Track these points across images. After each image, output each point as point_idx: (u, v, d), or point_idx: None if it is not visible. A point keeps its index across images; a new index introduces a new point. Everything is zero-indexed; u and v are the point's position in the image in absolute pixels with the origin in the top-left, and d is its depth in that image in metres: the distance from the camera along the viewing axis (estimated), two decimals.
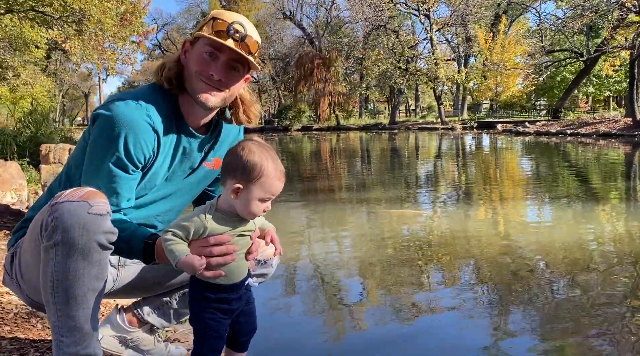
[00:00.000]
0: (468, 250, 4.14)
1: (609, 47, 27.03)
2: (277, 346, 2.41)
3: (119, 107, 1.41)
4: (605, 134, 21.38)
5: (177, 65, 1.52)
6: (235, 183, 1.31)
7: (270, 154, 1.35)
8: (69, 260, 1.26)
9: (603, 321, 2.60)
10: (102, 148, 1.41)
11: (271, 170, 1.33)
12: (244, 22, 1.49)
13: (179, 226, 1.32)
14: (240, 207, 1.33)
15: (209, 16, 1.51)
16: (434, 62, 36.50)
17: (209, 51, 1.47)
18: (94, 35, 15.63)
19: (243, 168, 1.31)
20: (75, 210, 1.25)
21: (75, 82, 50.80)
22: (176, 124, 1.53)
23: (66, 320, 1.30)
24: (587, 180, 8.85)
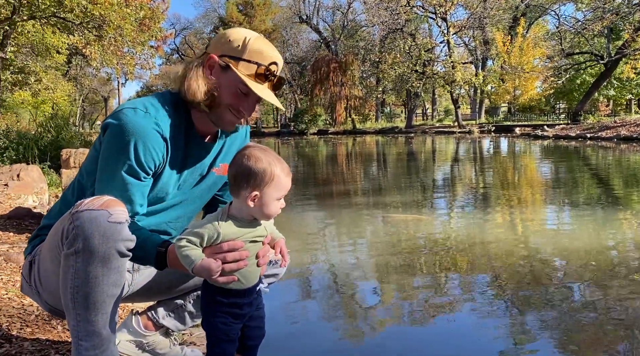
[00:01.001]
0: (486, 254, 4.11)
1: (630, 49, 26.62)
2: (292, 347, 2.42)
3: (127, 116, 1.44)
4: (626, 138, 21.00)
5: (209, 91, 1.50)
6: (251, 192, 1.35)
7: (274, 156, 1.40)
8: (89, 267, 1.30)
9: (624, 330, 2.56)
10: (113, 157, 1.44)
11: (279, 171, 1.38)
12: (278, 59, 1.54)
13: (192, 233, 1.35)
14: (259, 212, 1.38)
15: (242, 42, 1.50)
16: (451, 65, 36.27)
17: (244, 90, 1.51)
18: (113, 40, 15.88)
19: (255, 177, 1.35)
20: (95, 219, 1.29)
21: (95, 87, 51.58)
22: (186, 133, 1.55)
23: (85, 325, 1.34)
24: (607, 185, 8.71)
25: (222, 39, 1.53)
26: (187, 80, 1.51)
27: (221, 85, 1.51)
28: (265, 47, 1.52)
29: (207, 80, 1.51)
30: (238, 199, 1.38)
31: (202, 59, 1.54)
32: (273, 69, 1.53)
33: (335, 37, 44.65)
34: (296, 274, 3.64)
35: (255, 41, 1.51)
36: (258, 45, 1.51)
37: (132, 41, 16.40)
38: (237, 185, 1.37)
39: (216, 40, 1.56)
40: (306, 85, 45.99)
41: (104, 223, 1.29)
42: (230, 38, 1.52)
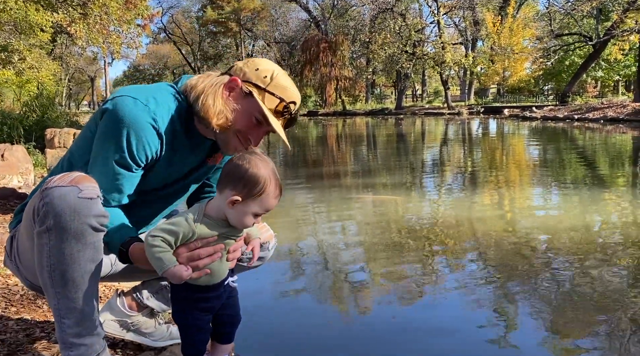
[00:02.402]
0: (472, 234, 4.16)
1: (619, 30, 26.65)
2: (283, 329, 2.45)
3: (126, 105, 1.41)
4: (612, 119, 21.18)
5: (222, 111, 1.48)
6: (234, 195, 1.33)
7: (274, 172, 1.37)
8: (63, 244, 1.29)
9: (607, 305, 2.62)
10: (107, 145, 1.43)
11: (272, 189, 1.35)
12: (298, 99, 1.56)
13: (167, 231, 1.33)
14: (234, 217, 1.36)
15: (270, 74, 1.50)
16: (441, 46, 36.13)
17: (259, 119, 1.50)
18: (99, 18, 15.59)
19: (246, 183, 1.33)
20: (65, 195, 1.27)
21: (81, 66, 50.82)
22: (185, 129, 1.53)
23: (66, 302, 1.33)
24: (593, 166, 8.82)
25: (251, 66, 1.52)
26: (205, 95, 1.48)
27: (238, 110, 1.49)
28: (290, 85, 1.53)
29: (224, 101, 1.49)
30: (220, 196, 1.36)
31: (224, 79, 1.51)
32: (292, 108, 1.54)
33: (325, 17, 44.16)
34: (285, 253, 3.66)
35: (282, 77, 1.52)
36: (284, 82, 1.52)
37: (118, 19, 16.12)
38: (226, 183, 1.36)
39: (243, 64, 1.54)
40: (296, 65, 45.60)
41: (74, 199, 1.28)
42: (259, 67, 1.51)
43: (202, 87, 1.49)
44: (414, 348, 2.25)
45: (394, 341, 2.31)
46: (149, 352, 1.82)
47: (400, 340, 2.32)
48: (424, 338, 2.36)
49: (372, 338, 2.35)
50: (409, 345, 2.28)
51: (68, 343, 1.37)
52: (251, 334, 2.33)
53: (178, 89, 1.54)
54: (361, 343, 2.32)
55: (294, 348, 2.27)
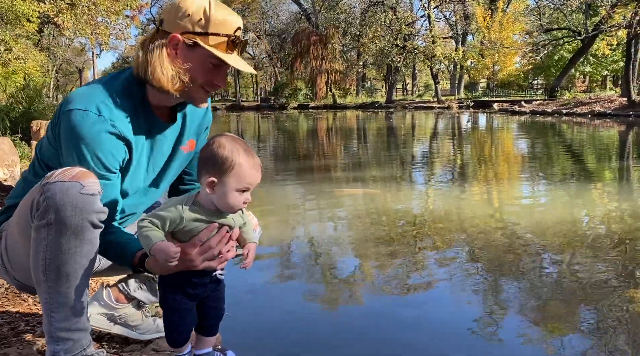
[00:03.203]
0: (461, 226, 4.19)
1: (607, 26, 26.83)
2: (271, 324, 2.46)
3: (79, 120, 1.35)
4: (600, 114, 21.38)
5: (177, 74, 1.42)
6: (209, 177, 1.33)
7: (242, 146, 1.36)
8: (61, 238, 1.29)
9: (593, 297, 2.66)
10: (76, 162, 1.38)
11: (242, 160, 1.33)
12: (240, 22, 1.48)
13: (155, 215, 1.33)
14: (218, 200, 1.35)
15: (203, 15, 1.41)
16: (431, 40, 36.17)
17: (215, 63, 1.44)
18: (86, 9, 15.41)
19: (214, 162, 1.33)
20: (67, 190, 1.27)
21: (69, 57, 50.16)
22: (145, 118, 1.49)
23: (57, 297, 1.33)
24: (580, 160, 8.90)
25: (180, 14, 1.42)
26: (151, 65, 1.41)
27: (191, 66, 1.44)
28: (227, 14, 1.45)
29: (174, 63, 1.42)
30: (202, 186, 1.36)
31: (164, 39, 1.42)
32: (239, 34, 1.47)
33: (315, 9, 43.97)
34: (274, 248, 3.67)
35: (216, 10, 1.43)
36: (220, 14, 1.43)
37: (106, 10, 15.96)
38: (200, 170, 1.36)
39: (172, 15, 1.43)
40: (286, 58, 45.41)
41: (76, 194, 1.27)
42: (189, 11, 1.41)
43: (145, 59, 1.42)
44: (403, 343, 2.27)
45: (383, 336, 2.32)
46: (136, 345, 1.82)
47: (389, 335, 2.34)
48: (412, 333, 2.37)
49: (361, 333, 2.37)
50: (398, 340, 2.29)
51: (56, 337, 1.36)
52: (239, 329, 2.33)
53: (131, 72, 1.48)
54: (350, 338, 2.33)
55: (283, 343, 2.28)
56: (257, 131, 19.30)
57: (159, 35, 1.44)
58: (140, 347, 1.81)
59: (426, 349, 2.21)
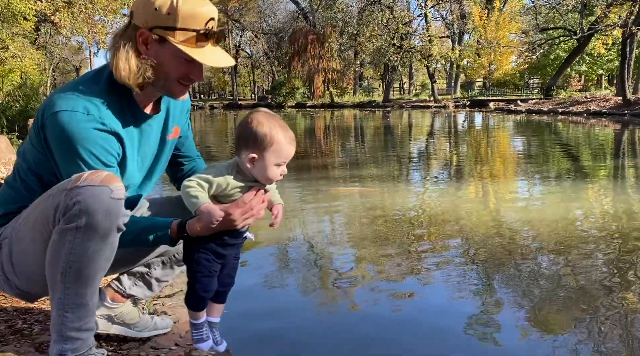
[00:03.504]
0: (458, 226, 4.21)
1: (603, 25, 26.89)
2: (269, 324, 2.47)
3: (67, 121, 1.33)
4: (595, 113, 21.43)
5: (145, 70, 1.40)
6: (249, 153, 1.43)
7: (278, 122, 1.45)
8: (89, 242, 1.31)
9: (588, 295, 2.68)
10: (73, 165, 1.37)
11: (281, 137, 1.43)
12: (214, 13, 1.42)
13: (203, 177, 1.43)
14: (258, 174, 1.46)
15: (170, 8, 1.35)
16: (428, 39, 36.18)
17: (188, 58, 1.40)
18: (83, 7, 15.38)
19: (255, 139, 1.42)
20: (99, 195, 1.29)
21: (66, 56, 50.00)
22: (132, 114, 1.48)
23: (74, 298, 1.36)
24: (575, 159, 8.94)
25: (147, 7, 1.37)
26: (115, 60, 1.38)
27: (163, 60, 1.40)
28: (197, 6, 1.38)
29: (141, 58, 1.39)
30: (239, 159, 1.46)
31: (132, 34, 1.39)
32: (211, 25, 1.41)
33: (313, 8, 43.91)
34: (271, 246, 3.69)
35: (184, 3, 1.36)
36: (190, 7, 1.36)
37: (104, 9, 15.92)
38: (239, 146, 1.45)
39: (141, 8, 1.39)
40: (284, 57, 45.35)
41: (107, 199, 1.29)
42: (156, 5, 1.35)
43: (112, 54, 1.40)
44: (399, 342, 2.29)
45: (379, 336, 2.34)
46: (134, 343, 1.84)
47: (384, 334, 2.35)
48: (409, 333, 2.38)
49: (357, 333, 2.38)
50: (394, 339, 2.31)
51: (65, 337, 1.39)
52: (239, 327, 2.35)
53: (104, 69, 1.45)
54: (345, 338, 2.34)
55: (279, 342, 2.29)
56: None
57: (129, 29, 1.41)
58: (139, 345, 1.83)
59: (423, 348, 2.22)
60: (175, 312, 2.16)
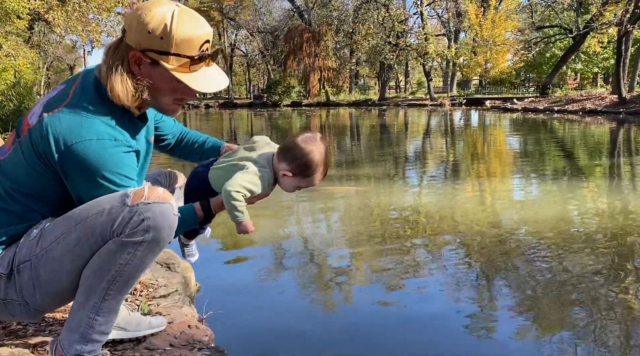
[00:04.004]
0: (454, 224, 4.21)
1: (598, 23, 26.97)
2: (265, 322, 2.46)
3: (99, 151, 1.34)
4: (591, 111, 21.51)
5: (140, 91, 1.40)
6: (287, 170, 1.61)
7: (325, 157, 1.62)
8: (149, 255, 1.38)
9: (585, 294, 2.68)
10: (100, 187, 1.37)
11: (319, 174, 1.63)
12: (208, 35, 1.41)
13: (249, 189, 1.57)
14: (282, 185, 1.66)
15: (163, 32, 1.33)
16: (424, 37, 36.20)
17: (182, 84, 1.40)
18: (77, 6, 15.31)
19: (299, 165, 1.60)
20: (166, 212, 1.36)
21: (60, 54, 49.76)
22: (134, 126, 1.48)
23: (111, 303, 1.41)
24: (571, 157, 8.96)
25: (140, 29, 1.34)
26: (110, 81, 1.37)
27: (156, 81, 1.40)
28: (191, 30, 1.36)
29: (135, 79, 1.38)
30: (277, 162, 1.63)
31: (124, 54, 1.38)
32: (206, 48, 1.40)
33: (308, 7, 43.85)
34: (267, 245, 3.68)
35: (177, 27, 1.33)
36: (183, 33, 1.34)
37: (98, 7, 15.86)
38: (285, 156, 1.61)
39: (134, 28, 1.35)
40: (279, 55, 45.28)
41: (171, 216, 1.37)
42: (149, 27, 1.32)
43: (107, 73, 1.38)
44: (396, 341, 2.28)
45: (376, 334, 2.33)
46: (128, 344, 1.82)
47: (381, 333, 2.35)
48: (406, 331, 2.38)
49: (354, 331, 2.38)
50: (391, 338, 2.31)
51: (88, 338, 1.42)
52: (234, 327, 2.34)
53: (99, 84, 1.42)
54: (342, 337, 2.34)
55: (277, 341, 2.28)
56: (250, 129, 19.26)
57: (121, 47, 1.39)
58: (133, 345, 1.81)
59: (419, 347, 2.22)
60: (170, 312, 2.14)
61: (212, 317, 2.27)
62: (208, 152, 1.88)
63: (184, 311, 2.16)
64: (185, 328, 1.99)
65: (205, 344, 1.90)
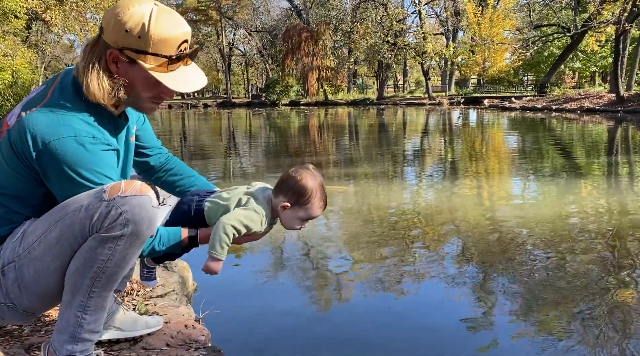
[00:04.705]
0: (452, 223, 4.21)
1: (596, 22, 27.00)
2: (263, 322, 2.46)
3: (76, 147, 1.32)
4: (589, 110, 21.54)
5: (122, 88, 1.38)
6: (285, 202, 1.62)
7: (321, 186, 1.63)
8: (130, 249, 1.35)
9: (585, 294, 2.68)
10: (77, 185, 1.35)
11: (317, 200, 1.63)
12: (187, 35, 1.40)
13: (245, 225, 1.56)
14: (284, 220, 1.66)
15: (141, 31, 1.32)
16: (422, 36, 36.21)
17: (155, 81, 1.39)
18: (75, 5, 15.29)
19: (294, 193, 1.61)
20: (143, 204, 1.33)
21: (58, 54, 49.62)
22: (114, 125, 1.47)
23: (97, 301, 1.39)
24: (569, 155, 8.97)
25: (118, 27, 1.33)
26: (87, 79, 1.35)
27: (134, 80, 1.39)
28: (169, 29, 1.35)
29: (112, 78, 1.37)
30: (275, 199, 1.64)
31: (102, 52, 1.36)
32: (184, 47, 1.39)
33: (306, 6, 43.83)
34: (265, 245, 3.67)
35: (156, 26, 1.33)
36: (161, 32, 1.34)
37: (95, 7, 15.84)
38: (280, 190, 1.63)
39: (111, 27, 1.34)
40: (277, 55, 45.26)
41: (150, 208, 1.35)
42: (127, 26, 1.32)
43: (84, 71, 1.37)
44: (395, 341, 2.28)
45: (374, 334, 2.33)
46: (125, 343, 1.82)
47: (379, 333, 2.35)
48: (404, 331, 2.38)
49: (351, 331, 2.37)
50: (390, 338, 2.30)
51: (78, 338, 1.41)
52: (231, 327, 2.34)
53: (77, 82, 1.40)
54: (340, 336, 2.33)
55: (274, 341, 2.28)
56: (249, 128, 19.25)
57: (99, 44, 1.38)
58: (130, 345, 1.81)
59: (418, 348, 2.21)
60: (167, 312, 2.14)
61: (209, 317, 2.26)
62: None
63: (180, 311, 2.16)
64: (182, 328, 1.98)
65: (202, 344, 1.90)
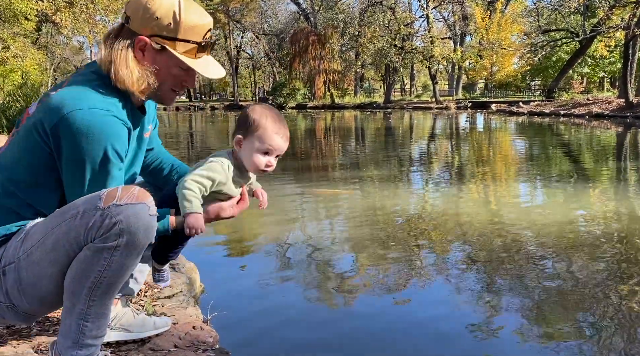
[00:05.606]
0: (459, 228, 4.19)
1: (605, 27, 26.87)
2: (268, 324, 2.45)
3: (90, 119, 1.31)
4: (598, 115, 21.41)
5: (143, 76, 1.41)
6: (237, 134, 1.51)
7: (272, 114, 1.51)
8: (127, 259, 1.32)
9: (591, 300, 2.66)
10: (93, 163, 1.35)
11: (268, 124, 1.49)
12: (210, 24, 1.46)
13: (206, 176, 1.46)
14: (245, 158, 1.52)
15: (172, 19, 1.37)
16: (429, 40, 36.17)
17: (185, 67, 1.44)
18: (85, 7, 15.40)
19: (244, 122, 1.51)
20: (139, 213, 1.29)
21: (67, 56, 49.97)
22: (132, 114, 1.47)
23: (97, 309, 1.37)
24: (577, 161, 8.91)
25: (147, 15, 1.37)
26: (115, 65, 1.37)
27: (159, 67, 1.42)
28: (197, 17, 1.42)
29: (140, 65, 1.40)
30: (233, 143, 1.54)
31: (130, 39, 1.39)
32: (209, 36, 1.46)
33: (314, 9, 43.91)
34: (270, 246, 3.66)
35: (186, 15, 1.39)
36: (191, 20, 1.40)
37: (105, 9, 15.95)
38: (234, 131, 1.54)
39: (140, 15, 1.38)
40: (285, 58, 45.36)
41: (147, 217, 1.30)
42: (157, 14, 1.37)
43: (109, 57, 1.39)
44: (400, 343, 2.27)
45: (377, 336, 2.32)
46: (133, 345, 1.82)
47: (383, 335, 2.34)
48: (407, 333, 2.37)
49: (355, 333, 2.36)
50: (395, 340, 2.29)
51: (81, 344, 1.39)
52: (239, 329, 2.33)
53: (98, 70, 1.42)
54: (343, 338, 2.32)
55: (281, 343, 2.27)
56: None
57: (124, 33, 1.40)
58: (137, 346, 1.81)
59: (423, 350, 2.20)
60: (175, 313, 2.13)
61: (216, 318, 2.25)
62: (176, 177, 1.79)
63: (188, 312, 2.15)
64: (189, 329, 1.98)
65: (210, 345, 1.89)
